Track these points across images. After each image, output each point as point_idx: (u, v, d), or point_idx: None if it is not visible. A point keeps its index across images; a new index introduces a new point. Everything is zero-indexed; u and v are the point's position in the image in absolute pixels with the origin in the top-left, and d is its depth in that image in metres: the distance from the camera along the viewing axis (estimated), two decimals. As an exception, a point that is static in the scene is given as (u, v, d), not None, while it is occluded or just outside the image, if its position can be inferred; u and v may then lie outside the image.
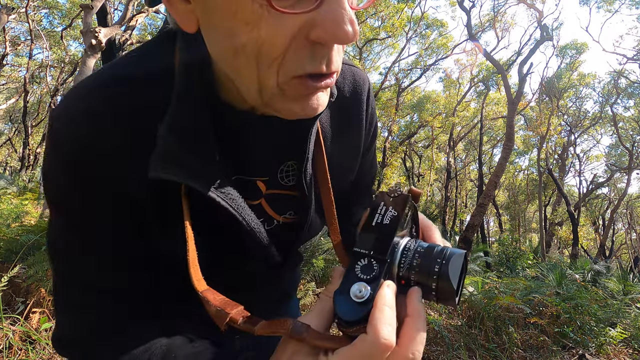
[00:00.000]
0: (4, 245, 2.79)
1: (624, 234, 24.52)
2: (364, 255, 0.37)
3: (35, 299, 2.28)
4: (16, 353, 1.96)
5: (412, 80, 17.84)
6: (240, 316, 0.39)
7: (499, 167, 7.71)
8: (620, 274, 6.43)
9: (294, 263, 0.75)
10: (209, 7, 0.35)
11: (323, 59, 0.36)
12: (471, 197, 25.31)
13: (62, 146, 0.43)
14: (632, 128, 17.28)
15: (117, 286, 0.48)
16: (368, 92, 0.61)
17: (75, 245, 0.47)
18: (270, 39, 0.34)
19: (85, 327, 0.47)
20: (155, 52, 0.47)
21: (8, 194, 6.58)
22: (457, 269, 0.36)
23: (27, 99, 12.99)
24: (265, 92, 0.38)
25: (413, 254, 0.38)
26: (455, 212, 19.49)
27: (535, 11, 11.06)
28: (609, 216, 17.17)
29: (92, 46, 5.02)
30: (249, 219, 0.48)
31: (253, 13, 0.33)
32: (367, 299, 0.34)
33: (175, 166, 0.41)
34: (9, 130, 21.76)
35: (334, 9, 0.33)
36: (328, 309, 0.37)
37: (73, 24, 12.80)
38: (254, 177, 0.53)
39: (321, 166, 0.53)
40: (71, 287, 0.48)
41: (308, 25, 0.34)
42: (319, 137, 0.53)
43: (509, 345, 3.05)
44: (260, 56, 0.35)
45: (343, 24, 0.33)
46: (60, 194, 0.46)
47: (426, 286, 0.36)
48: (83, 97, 0.43)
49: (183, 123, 0.42)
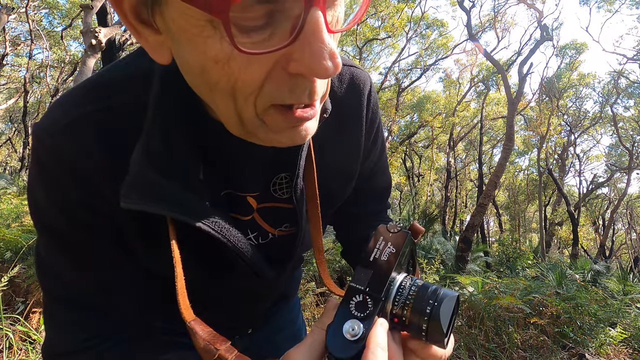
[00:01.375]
0: (4, 245, 2.79)
1: (624, 234, 24.51)
2: (359, 292, 0.37)
3: (35, 299, 2.28)
4: (16, 353, 1.96)
5: (412, 80, 17.83)
6: (229, 353, 0.38)
7: (499, 167, 7.70)
8: (620, 274, 6.43)
9: (296, 266, 0.74)
10: (177, 40, 0.33)
11: (304, 91, 0.34)
12: (471, 197, 25.29)
13: (43, 163, 0.42)
14: (632, 128, 17.27)
15: (100, 303, 0.47)
16: (369, 93, 0.58)
17: (58, 262, 0.46)
18: (244, 76, 0.31)
19: (69, 342, 0.47)
20: (138, 63, 0.45)
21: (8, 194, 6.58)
22: (449, 312, 0.37)
23: (27, 99, 12.98)
24: (246, 123, 0.36)
25: (408, 292, 0.38)
26: (455, 212, 19.48)
27: (535, 11, 11.06)
28: (609, 216, 17.17)
29: (92, 46, 5.01)
30: (234, 239, 0.46)
31: (222, 52, 0.30)
32: (359, 337, 0.35)
33: (150, 195, 0.39)
34: (9, 130, 21.75)
35: (310, 44, 0.29)
36: (320, 342, 0.37)
37: (73, 24, 12.78)
38: (244, 192, 0.51)
39: (311, 179, 0.52)
40: (54, 302, 0.48)
41: (285, 59, 0.31)
42: (310, 148, 0.51)
43: (509, 345, 3.05)
44: (235, 91, 0.33)
45: (322, 60, 0.30)
46: (41, 212, 0.45)
47: (417, 326, 0.37)
48: (64, 114, 0.42)
49: (157, 146, 0.40)
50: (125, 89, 0.43)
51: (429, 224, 9.05)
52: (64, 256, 0.46)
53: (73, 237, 0.45)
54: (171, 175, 0.41)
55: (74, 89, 0.45)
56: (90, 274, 0.46)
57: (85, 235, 0.45)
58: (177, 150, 0.42)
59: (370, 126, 0.60)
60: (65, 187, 0.42)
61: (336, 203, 0.62)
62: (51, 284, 0.47)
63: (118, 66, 0.46)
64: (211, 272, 0.51)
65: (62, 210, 0.43)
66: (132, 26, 0.34)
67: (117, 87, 0.43)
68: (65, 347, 0.47)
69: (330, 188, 0.56)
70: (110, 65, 0.47)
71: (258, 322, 0.74)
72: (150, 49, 0.36)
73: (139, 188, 0.39)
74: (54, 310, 0.48)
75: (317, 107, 0.37)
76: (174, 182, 0.41)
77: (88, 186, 0.42)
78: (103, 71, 0.46)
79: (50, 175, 0.42)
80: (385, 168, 0.71)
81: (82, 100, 0.43)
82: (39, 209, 0.45)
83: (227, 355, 0.37)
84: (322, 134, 0.53)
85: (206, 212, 0.43)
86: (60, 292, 0.47)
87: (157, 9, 0.32)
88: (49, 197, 0.43)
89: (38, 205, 0.45)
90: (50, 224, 0.45)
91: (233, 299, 0.62)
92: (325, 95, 0.39)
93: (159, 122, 0.41)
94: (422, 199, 20.63)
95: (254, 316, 0.72)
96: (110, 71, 0.46)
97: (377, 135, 0.63)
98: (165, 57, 0.36)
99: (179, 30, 0.31)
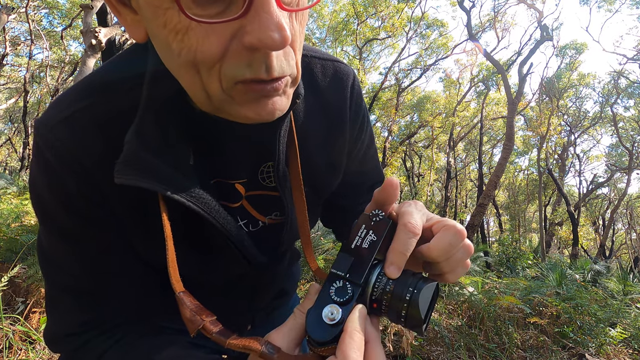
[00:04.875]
0: (4, 245, 2.79)
1: (624, 234, 24.51)
2: (339, 277, 0.38)
3: (35, 299, 2.28)
4: (16, 353, 1.96)
5: (412, 80, 17.83)
6: (213, 326, 0.39)
7: (499, 167, 7.71)
8: (620, 274, 6.42)
9: (291, 261, 0.75)
10: (146, 17, 0.36)
11: (261, 64, 0.35)
12: (471, 197, 25.31)
13: (43, 157, 0.44)
14: (632, 128, 17.27)
15: (99, 290, 0.49)
16: (352, 85, 0.60)
17: (59, 251, 0.48)
18: (202, 47, 0.34)
19: (68, 325, 0.49)
20: (133, 58, 0.47)
21: (8, 194, 6.58)
22: (427, 298, 0.37)
23: (27, 99, 12.99)
24: (213, 98, 0.38)
25: (387, 279, 0.38)
26: (455, 212, 19.49)
27: (535, 11, 11.07)
28: (609, 216, 17.17)
29: (92, 46, 5.02)
30: (223, 221, 0.47)
31: (180, 23, 0.33)
32: (338, 321, 0.36)
33: (140, 172, 0.41)
34: (9, 130, 21.76)
35: (259, 15, 0.32)
36: (300, 325, 0.39)
37: (73, 24, 12.80)
38: (232, 180, 0.53)
39: (294, 167, 0.53)
40: (55, 289, 0.50)
41: (240, 33, 0.33)
42: (293, 137, 0.52)
43: (509, 345, 3.05)
44: (197, 63, 0.35)
45: (269, 31, 0.32)
46: (42, 203, 0.47)
47: (396, 311, 0.37)
48: (63, 108, 0.44)
49: (149, 130, 0.42)
50: (121, 83, 0.45)
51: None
52: (64, 245, 0.48)
53: (72, 227, 0.46)
54: (163, 156, 0.43)
55: (73, 87, 0.48)
56: (89, 263, 0.48)
57: (84, 225, 0.46)
58: (168, 135, 0.43)
59: (354, 118, 0.61)
60: (64, 178, 0.44)
61: (324, 193, 0.63)
62: (51, 272, 0.50)
63: (113, 63, 0.49)
64: (201, 257, 0.53)
65: (61, 202, 0.45)
66: (114, 6, 0.38)
67: (113, 81, 0.45)
68: (65, 329, 0.49)
69: (316, 178, 0.58)
70: (106, 63, 0.49)
71: (258, 318, 0.74)
72: (128, 28, 0.39)
73: (132, 165, 0.41)
74: (55, 296, 0.50)
75: (282, 85, 0.38)
76: (166, 164, 0.43)
77: (86, 177, 0.44)
78: (99, 68, 0.49)
79: (50, 168, 0.44)
80: (375, 160, 0.72)
81: (80, 96, 0.45)
82: (40, 199, 0.47)
83: (212, 327, 0.38)
84: (306, 125, 0.55)
85: (197, 193, 0.44)
86: (61, 279, 0.49)
87: None
88: (48, 189, 0.45)
89: (39, 197, 0.47)
90: (50, 214, 0.47)
91: (230, 291, 0.63)
92: (297, 79, 0.41)
93: (153, 107, 0.42)
94: (422, 199, 20.64)
95: (254, 312, 0.73)
96: (106, 68, 0.48)
97: (362, 127, 0.64)
98: (141, 35, 0.39)
99: (145, 4, 0.34)
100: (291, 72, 0.39)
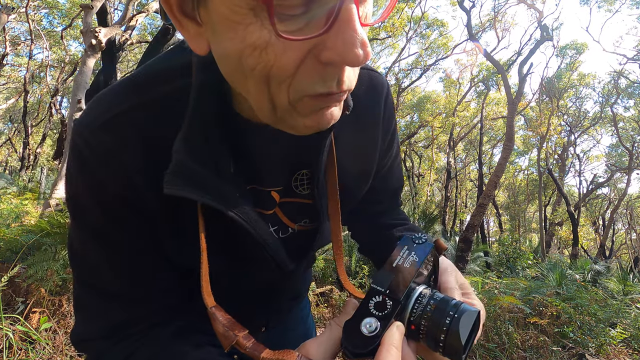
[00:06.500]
0: (4, 245, 2.79)
1: (624, 234, 24.53)
2: (379, 293, 0.38)
3: (35, 299, 2.28)
4: (16, 353, 1.96)
5: (412, 80, 17.84)
6: (246, 340, 0.39)
7: (499, 167, 7.71)
8: (620, 274, 6.43)
9: (307, 264, 0.76)
10: (217, 30, 0.35)
11: (334, 79, 0.36)
12: (471, 197, 25.31)
13: (83, 158, 0.44)
14: (632, 128, 17.28)
15: (130, 293, 0.49)
16: (386, 96, 0.60)
17: (91, 252, 0.48)
18: (279, 63, 0.33)
19: (95, 329, 0.49)
20: (173, 60, 0.47)
21: (8, 194, 6.59)
22: (468, 326, 0.36)
23: (27, 99, 12.99)
24: (278, 110, 0.38)
25: (427, 302, 0.38)
26: (455, 212, 19.49)
27: (535, 11, 11.07)
28: (609, 216, 17.18)
29: (92, 46, 5.02)
30: (261, 231, 0.48)
31: (260, 39, 0.32)
32: (375, 334, 0.35)
33: (191, 183, 0.42)
34: (9, 130, 21.76)
35: (344, 32, 0.32)
36: (336, 337, 0.38)
37: (73, 24, 12.79)
38: (268, 187, 0.53)
39: (332, 175, 0.53)
40: (85, 290, 0.50)
41: (318, 48, 0.33)
42: (332, 145, 0.52)
43: (509, 345, 3.05)
44: (270, 78, 0.35)
45: (354, 47, 0.32)
46: (78, 203, 0.47)
47: (435, 337, 0.37)
48: (103, 111, 0.44)
49: (196, 138, 0.42)
50: (162, 84, 0.45)
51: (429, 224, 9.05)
52: (96, 246, 0.48)
53: (106, 229, 0.46)
54: (208, 165, 0.43)
55: (113, 86, 0.47)
56: (120, 265, 0.48)
57: (119, 227, 0.46)
58: (212, 142, 0.44)
59: (387, 127, 0.62)
60: (102, 180, 0.44)
61: (354, 200, 0.64)
62: (81, 272, 0.50)
63: (154, 63, 0.48)
64: (232, 263, 0.53)
65: (98, 203, 0.45)
66: (176, 18, 0.38)
67: (154, 82, 0.45)
68: (91, 334, 0.49)
69: (348, 185, 0.58)
70: (147, 64, 0.49)
71: (272, 320, 0.75)
72: (190, 39, 0.39)
73: (181, 175, 0.41)
74: (83, 296, 0.50)
75: (344, 95, 0.39)
76: (211, 173, 0.43)
77: (125, 180, 0.44)
78: (140, 69, 0.48)
79: (89, 169, 0.44)
80: (399, 168, 0.74)
81: (120, 97, 0.45)
82: (76, 200, 0.47)
83: (245, 342, 0.39)
84: (342, 133, 0.55)
85: (238, 202, 0.45)
86: (90, 280, 0.49)
87: (203, 2, 0.35)
88: (87, 190, 0.45)
89: (75, 197, 0.47)
90: (85, 215, 0.47)
91: (249, 294, 0.64)
92: (351, 89, 0.40)
93: (199, 113, 0.43)
94: (422, 199, 20.65)
95: (269, 314, 0.73)
96: (146, 68, 0.48)
97: (392, 137, 0.65)
98: (203, 48, 0.38)
99: (220, 19, 0.34)
100: (353, 84, 0.39)
